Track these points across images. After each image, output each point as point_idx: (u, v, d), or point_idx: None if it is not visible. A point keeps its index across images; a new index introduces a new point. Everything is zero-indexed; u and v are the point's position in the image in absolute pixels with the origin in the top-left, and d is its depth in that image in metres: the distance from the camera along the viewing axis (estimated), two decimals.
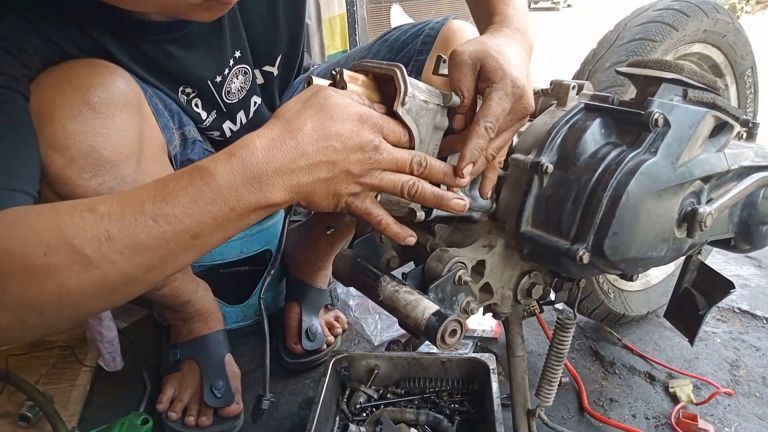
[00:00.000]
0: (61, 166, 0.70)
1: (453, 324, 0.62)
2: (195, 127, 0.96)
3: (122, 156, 0.74)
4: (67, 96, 0.70)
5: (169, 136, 0.87)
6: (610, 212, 0.64)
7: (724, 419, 1.06)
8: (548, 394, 0.85)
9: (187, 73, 0.89)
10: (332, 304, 1.33)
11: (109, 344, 1.16)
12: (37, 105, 0.69)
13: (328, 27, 2.37)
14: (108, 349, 1.16)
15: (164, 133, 0.85)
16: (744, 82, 1.27)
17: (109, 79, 0.74)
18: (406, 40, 1.05)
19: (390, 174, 0.61)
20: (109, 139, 0.72)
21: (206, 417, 1.04)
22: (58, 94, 0.70)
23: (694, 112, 0.70)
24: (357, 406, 0.98)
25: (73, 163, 0.71)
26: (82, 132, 0.71)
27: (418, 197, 0.62)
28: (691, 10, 1.09)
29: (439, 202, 0.63)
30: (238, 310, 1.36)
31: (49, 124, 0.69)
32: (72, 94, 0.70)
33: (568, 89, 0.76)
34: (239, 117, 1.04)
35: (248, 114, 1.06)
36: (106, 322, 1.14)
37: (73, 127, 0.70)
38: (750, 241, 0.87)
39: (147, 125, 0.80)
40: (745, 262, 1.64)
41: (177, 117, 0.90)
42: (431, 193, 0.62)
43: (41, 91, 0.70)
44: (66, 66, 0.73)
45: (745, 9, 9.08)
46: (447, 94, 0.65)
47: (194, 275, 1.11)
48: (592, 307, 1.20)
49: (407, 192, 0.61)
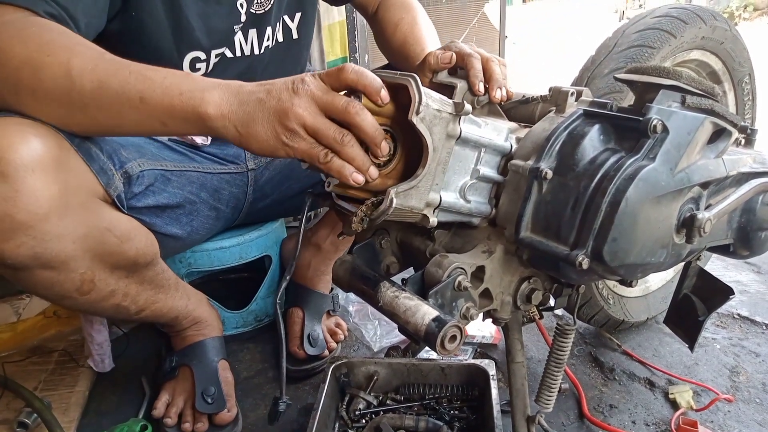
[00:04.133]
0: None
1: (453, 330, 0.62)
2: (138, 161, 0.95)
3: (38, 216, 0.74)
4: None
5: (107, 180, 0.86)
6: (609, 218, 0.64)
7: (724, 425, 1.06)
8: (548, 401, 0.85)
9: None
10: (334, 309, 1.33)
11: (99, 347, 1.17)
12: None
13: (327, 34, 2.38)
14: (97, 351, 1.18)
15: (100, 177, 0.84)
16: (742, 88, 1.28)
17: (19, 142, 0.72)
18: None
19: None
20: (21, 202, 0.72)
21: (202, 423, 1.04)
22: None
23: (693, 118, 0.70)
24: (356, 412, 0.97)
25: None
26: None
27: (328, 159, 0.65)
28: (689, 18, 1.09)
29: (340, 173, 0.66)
30: (237, 316, 1.36)
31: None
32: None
33: (567, 96, 0.76)
34: (252, 37, 1.06)
35: (261, 41, 1.07)
36: (97, 326, 1.16)
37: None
38: (749, 247, 0.87)
39: (72, 176, 0.79)
40: (745, 268, 1.64)
41: (116, 156, 0.89)
42: (338, 164, 0.65)
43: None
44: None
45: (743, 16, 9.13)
46: (459, 103, 0.65)
47: (187, 290, 1.11)
48: (592, 313, 1.20)
49: (321, 158, 0.65)
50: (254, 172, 1.19)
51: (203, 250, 1.26)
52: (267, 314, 1.41)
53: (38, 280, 0.80)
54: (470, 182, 0.72)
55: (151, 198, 0.96)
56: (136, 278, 0.95)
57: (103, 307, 0.92)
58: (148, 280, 0.98)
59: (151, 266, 0.97)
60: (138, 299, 0.97)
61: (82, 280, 0.84)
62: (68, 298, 0.86)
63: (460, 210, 0.72)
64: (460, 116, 0.66)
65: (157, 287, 1.00)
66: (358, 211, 0.65)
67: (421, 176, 0.65)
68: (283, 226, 1.47)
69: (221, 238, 1.28)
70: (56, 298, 0.86)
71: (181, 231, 1.05)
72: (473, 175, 0.72)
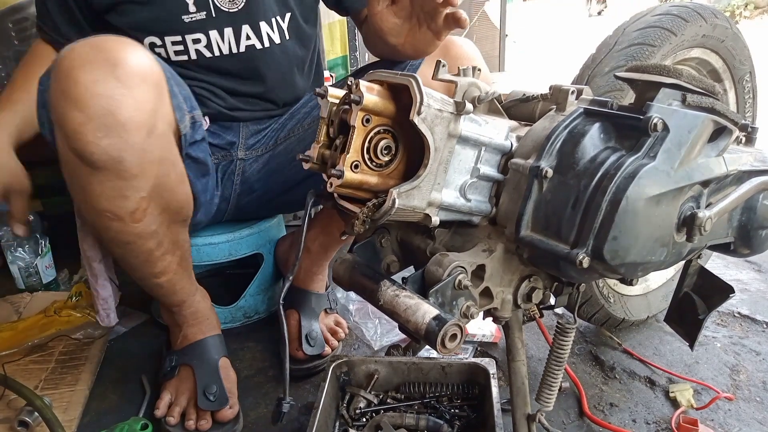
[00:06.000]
0: (79, 122, 0.78)
1: (453, 328, 0.62)
2: (201, 111, 1.03)
3: (135, 124, 0.81)
4: (96, 64, 0.79)
5: (181, 116, 0.94)
6: (609, 217, 0.64)
7: (724, 424, 1.06)
8: (548, 399, 0.85)
9: None
10: (331, 308, 1.33)
11: (104, 301, 1.19)
12: (67, 67, 0.78)
13: (328, 32, 2.38)
14: (102, 305, 1.19)
15: (176, 112, 0.92)
16: (743, 86, 1.28)
17: (135, 55, 0.82)
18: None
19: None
20: (126, 106, 0.80)
21: (205, 420, 1.04)
22: (88, 60, 0.79)
23: (693, 116, 0.70)
24: (357, 411, 0.97)
25: (90, 122, 0.78)
26: (103, 96, 0.78)
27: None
28: (690, 15, 1.09)
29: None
30: (226, 312, 1.36)
31: (75, 86, 0.78)
32: (101, 63, 0.79)
33: (567, 94, 0.76)
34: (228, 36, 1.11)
35: (239, 39, 1.13)
36: (101, 281, 1.17)
37: (96, 90, 0.78)
38: (749, 246, 0.87)
39: (162, 103, 0.88)
40: (745, 267, 1.64)
41: (189, 101, 0.97)
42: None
43: (73, 56, 0.79)
44: (98, 39, 0.82)
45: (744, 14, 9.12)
46: (460, 102, 0.65)
47: (195, 282, 1.12)
48: (592, 312, 1.20)
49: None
50: (243, 162, 1.21)
51: (192, 245, 1.26)
52: (257, 311, 1.41)
53: (106, 187, 0.85)
54: (470, 181, 0.72)
55: (200, 152, 1.02)
56: (172, 232, 0.98)
57: (139, 248, 0.94)
58: (180, 243, 1.02)
59: (184, 226, 1.02)
60: (166, 256, 0.99)
61: (139, 204, 0.89)
62: (119, 220, 0.89)
63: (460, 209, 0.72)
64: (461, 115, 0.66)
65: (181, 257, 1.03)
66: (360, 213, 0.65)
67: (423, 176, 0.65)
68: (280, 225, 1.47)
69: (211, 233, 1.29)
70: (110, 216, 0.88)
71: (203, 203, 1.09)
72: (473, 174, 0.72)
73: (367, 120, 0.64)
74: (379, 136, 0.66)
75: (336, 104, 0.67)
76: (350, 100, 0.63)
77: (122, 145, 0.81)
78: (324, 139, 0.69)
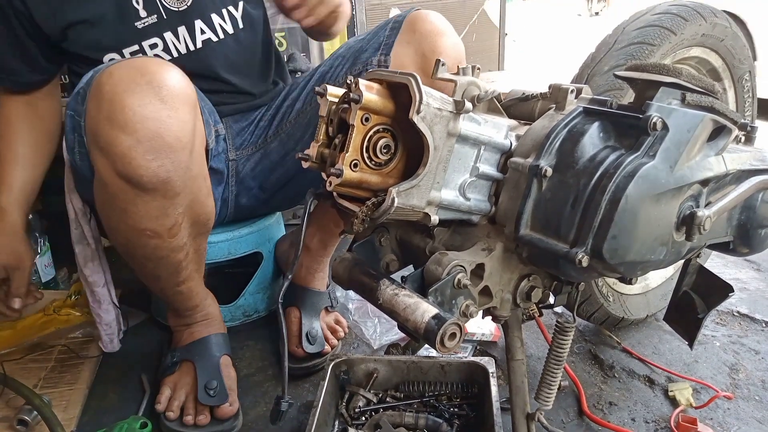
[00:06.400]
0: (128, 146, 0.80)
1: (452, 327, 0.62)
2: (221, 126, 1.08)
3: (181, 143, 0.84)
4: (140, 87, 0.80)
5: (209, 131, 0.97)
6: (608, 215, 0.64)
7: (723, 423, 1.06)
8: (548, 398, 0.85)
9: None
10: (332, 306, 1.33)
11: (107, 326, 1.20)
12: (110, 92, 0.80)
13: None
14: (106, 331, 1.20)
15: (205, 127, 0.96)
16: (742, 85, 1.28)
17: (175, 77, 0.84)
18: (377, 31, 1.13)
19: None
20: (173, 127, 0.82)
21: (204, 416, 1.04)
22: (131, 84, 0.80)
23: (693, 115, 0.70)
24: (356, 410, 0.97)
25: (139, 145, 0.80)
26: (150, 119, 0.80)
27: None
28: (690, 15, 1.09)
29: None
30: (226, 311, 1.36)
31: (122, 110, 0.79)
32: (144, 86, 0.80)
33: (567, 93, 0.76)
34: (182, 34, 1.11)
35: (194, 35, 1.12)
36: (105, 306, 1.17)
37: (143, 113, 0.79)
38: (749, 245, 0.87)
39: (198, 121, 0.90)
40: (744, 266, 1.64)
41: (213, 115, 1.00)
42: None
43: (115, 81, 0.80)
44: (137, 62, 0.84)
45: None
46: (459, 101, 0.65)
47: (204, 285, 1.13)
48: (592, 311, 1.20)
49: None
50: (235, 162, 1.22)
51: None
52: (256, 310, 1.41)
53: (151, 207, 0.86)
54: (470, 180, 0.72)
55: (219, 162, 1.05)
56: (197, 242, 1.00)
57: (170, 261, 0.96)
58: (201, 251, 1.03)
59: (206, 235, 1.03)
60: (189, 266, 1.00)
61: (176, 220, 0.90)
62: (158, 237, 0.91)
63: (459, 208, 0.72)
64: (461, 114, 0.66)
65: (200, 264, 1.05)
66: (360, 212, 0.65)
67: (422, 175, 0.65)
68: (279, 224, 1.47)
69: (211, 233, 1.28)
70: (150, 234, 0.90)
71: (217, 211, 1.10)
72: (473, 173, 0.72)
73: (367, 119, 0.64)
74: (379, 134, 0.66)
75: (335, 103, 0.67)
76: (349, 98, 0.63)
77: (170, 166, 0.83)
78: (323, 138, 0.69)
